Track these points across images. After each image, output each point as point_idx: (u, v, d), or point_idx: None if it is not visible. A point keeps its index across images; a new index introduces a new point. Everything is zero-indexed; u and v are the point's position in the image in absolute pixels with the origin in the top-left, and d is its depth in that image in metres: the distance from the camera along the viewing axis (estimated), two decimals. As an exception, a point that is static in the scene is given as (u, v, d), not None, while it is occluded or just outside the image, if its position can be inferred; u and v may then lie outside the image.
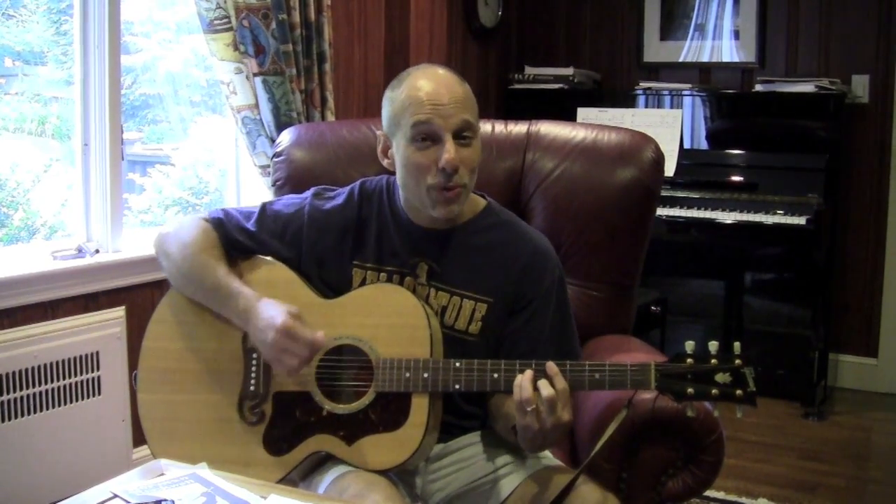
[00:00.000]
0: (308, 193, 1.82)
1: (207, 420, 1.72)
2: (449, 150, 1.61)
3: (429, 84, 1.64)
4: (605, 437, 1.57)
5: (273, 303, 1.66)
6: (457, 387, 1.61)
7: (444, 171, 1.61)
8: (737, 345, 1.52)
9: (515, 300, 1.72)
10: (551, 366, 1.53)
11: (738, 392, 1.50)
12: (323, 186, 1.85)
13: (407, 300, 1.67)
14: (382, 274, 1.74)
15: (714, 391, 1.50)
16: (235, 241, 1.79)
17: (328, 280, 1.76)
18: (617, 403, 1.64)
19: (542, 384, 1.51)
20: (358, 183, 1.82)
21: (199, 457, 1.57)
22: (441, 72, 1.68)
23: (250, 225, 1.79)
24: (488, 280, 1.72)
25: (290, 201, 1.82)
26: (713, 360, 1.51)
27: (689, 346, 1.54)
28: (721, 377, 1.50)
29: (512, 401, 1.56)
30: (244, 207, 1.86)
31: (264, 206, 1.82)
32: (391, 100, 1.69)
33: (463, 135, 1.63)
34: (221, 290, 1.71)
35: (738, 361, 1.51)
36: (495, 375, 1.59)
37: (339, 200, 1.79)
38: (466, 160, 1.64)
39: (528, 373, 1.53)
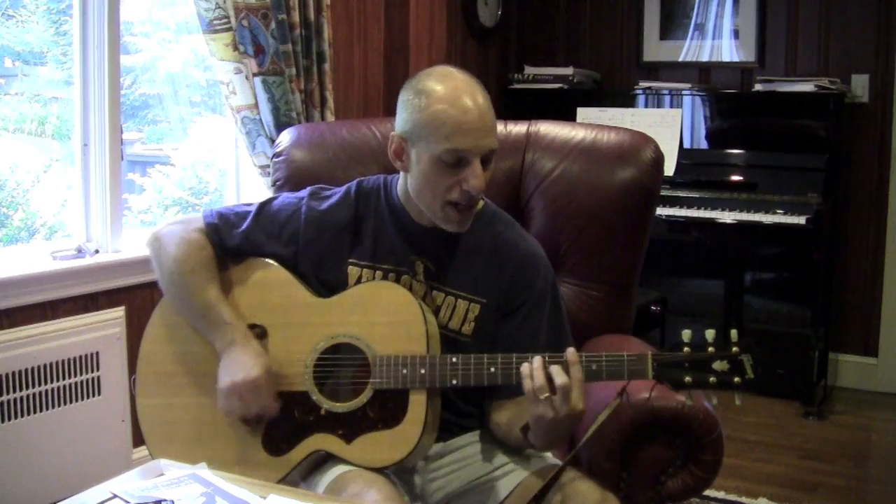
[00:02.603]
0: (304, 193, 1.82)
1: (207, 422, 1.72)
2: (478, 177, 1.60)
3: (467, 107, 1.60)
4: (598, 423, 1.56)
5: (259, 351, 1.68)
6: (454, 382, 1.61)
7: (468, 193, 1.61)
8: (733, 332, 1.51)
9: (507, 302, 1.72)
10: (572, 352, 1.51)
11: (736, 379, 1.49)
12: (319, 185, 1.84)
13: (403, 297, 1.67)
14: (378, 272, 1.74)
15: (712, 379, 1.50)
16: (231, 247, 1.79)
17: (325, 279, 1.76)
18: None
19: (556, 371, 1.49)
20: (355, 182, 1.82)
21: (199, 459, 1.57)
22: (474, 90, 1.63)
23: (246, 227, 1.78)
24: (481, 281, 1.72)
25: (287, 201, 1.82)
26: (710, 349, 1.51)
27: (686, 335, 1.53)
28: (718, 365, 1.50)
29: (512, 411, 1.55)
30: (241, 206, 1.86)
31: (261, 207, 1.81)
32: (416, 108, 1.63)
33: (488, 159, 1.64)
34: (211, 315, 1.71)
35: (735, 349, 1.50)
36: (492, 370, 1.59)
37: (335, 199, 1.79)
38: (486, 182, 1.64)
39: (539, 360, 1.51)
